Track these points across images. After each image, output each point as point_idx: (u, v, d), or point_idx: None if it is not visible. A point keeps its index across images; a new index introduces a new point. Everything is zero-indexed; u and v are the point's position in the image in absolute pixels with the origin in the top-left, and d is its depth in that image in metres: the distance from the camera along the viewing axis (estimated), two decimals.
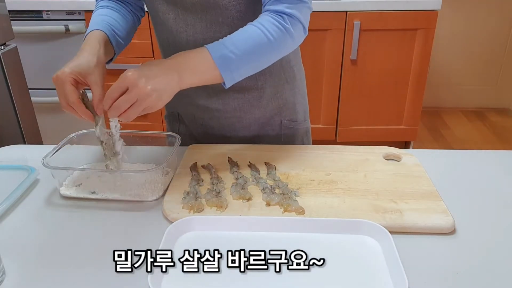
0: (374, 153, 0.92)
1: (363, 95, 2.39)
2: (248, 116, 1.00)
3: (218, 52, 0.76)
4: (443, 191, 0.79)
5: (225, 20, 0.87)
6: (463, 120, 3.06)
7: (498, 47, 3.03)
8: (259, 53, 0.80)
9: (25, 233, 0.72)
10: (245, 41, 0.78)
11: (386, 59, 2.30)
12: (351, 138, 2.50)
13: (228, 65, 0.77)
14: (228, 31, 0.89)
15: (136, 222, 0.74)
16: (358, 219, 0.70)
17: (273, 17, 0.80)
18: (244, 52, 0.78)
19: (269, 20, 0.80)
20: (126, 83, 0.71)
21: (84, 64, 0.78)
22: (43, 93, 2.41)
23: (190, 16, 0.88)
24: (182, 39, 0.91)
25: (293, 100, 1.03)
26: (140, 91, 0.70)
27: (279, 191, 0.79)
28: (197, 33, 0.89)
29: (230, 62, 0.77)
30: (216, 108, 0.99)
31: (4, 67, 1.58)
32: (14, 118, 1.66)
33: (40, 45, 2.33)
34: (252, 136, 1.03)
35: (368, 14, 2.20)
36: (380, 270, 0.62)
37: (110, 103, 0.73)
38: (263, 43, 0.79)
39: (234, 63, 0.77)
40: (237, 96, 0.97)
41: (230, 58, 0.77)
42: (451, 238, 0.69)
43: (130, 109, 0.72)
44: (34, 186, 0.85)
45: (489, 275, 0.62)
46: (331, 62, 2.32)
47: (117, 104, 0.72)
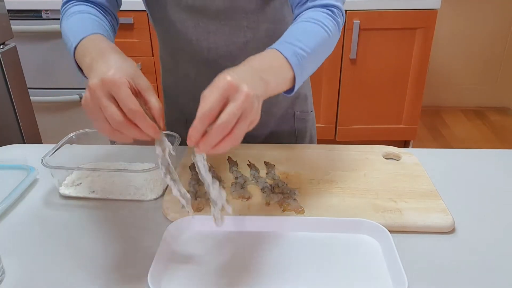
0: (374, 152, 0.92)
1: (362, 94, 2.40)
2: (266, 113, 1.00)
3: (289, 51, 0.66)
4: (443, 190, 0.79)
5: (250, 24, 0.87)
6: (462, 119, 3.06)
7: (498, 46, 3.03)
8: (324, 50, 0.74)
9: (24, 233, 0.72)
10: (311, 38, 0.70)
11: (385, 58, 2.30)
12: (351, 137, 2.50)
13: (301, 64, 0.67)
14: (251, 35, 0.89)
15: (135, 222, 0.74)
16: (357, 218, 0.70)
17: (326, 12, 0.76)
18: (312, 49, 0.69)
19: (323, 16, 0.75)
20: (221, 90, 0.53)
21: (129, 67, 0.58)
22: (42, 93, 2.42)
23: (212, 23, 0.86)
24: (203, 47, 0.89)
25: (304, 92, 1.05)
26: (247, 99, 0.53)
27: (278, 191, 0.79)
28: (220, 40, 0.88)
29: (302, 60, 0.67)
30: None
31: (3, 66, 1.58)
32: (13, 117, 1.66)
33: (39, 44, 2.33)
34: (268, 133, 1.03)
35: (368, 13, 2.20)
36: (380, 269, 0.62)
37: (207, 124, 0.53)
38: (325, 40, 0.73)
39: (305, 61, 0.68)
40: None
41: (301, 56, 0.67)
42: (451, 237, 0.69)
43: (236, 127, 0.53)
44: (34, 185, 0.85)
45: (489, 274, 0.62)
46: (330, 61, 2.32)
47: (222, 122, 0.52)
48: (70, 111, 2.51)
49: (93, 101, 0.54)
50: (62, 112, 2.51)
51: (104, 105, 0.54)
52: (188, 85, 0.99)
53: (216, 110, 0.53)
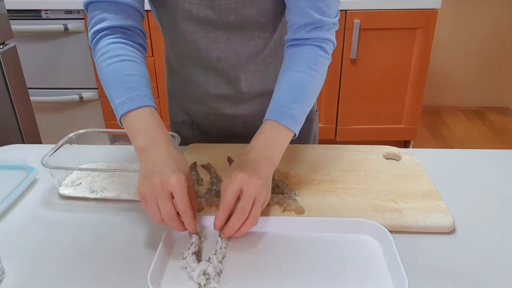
0: (374, 153, 0.92)
1: (362, 94, 2.39)
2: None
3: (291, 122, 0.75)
4: (443, 190, 0.79)
5: (261, 34, 0.87)
6: (462, 119, 3.06)
7: (498, 46, 3.03)
8: (313, 95, 0.80)
9: (24, 233, 0.72)
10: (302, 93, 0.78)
11: (386, 58, 2.30)
12: (351, 137, 2.50)
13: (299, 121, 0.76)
14: (262, 45, 0.89)
15: (135, 222, 0.74)
16: (358, 219, 0.70)
17: (315, 50, 0.80)
18: (304, 104, 0.78)
19: (310, 56, 0.79)
20: (240, 184, 0.65)
21: (183, 167, 0.67)
22: (42, 93, 2.42)
23: (222, 33, 0.86)
24: (213, 57, 0.90)
25: None
26: (257, 188, 0.65)
27: (278, 191, 0.78)
28: (230, 49, 0.88)
29: (300, 121, 0.77)
30: (242, 114, 0.99)
31: (3, 66, 1.58)
32: (13, 117, 1.66)
33: (39, 44, 2.32)
34: None
35: (368, 13, 2.19)
36: (380, 269, 0.62)
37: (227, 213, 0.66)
38: (314, 85, 0.79)
39: (302, 118, 0.77)
40: (263, 99, 0.95)
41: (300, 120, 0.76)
42: (451, 237, 0.69)
43: (252, 211, 0.65)
44: (33, 185, 0.85)
45: (489, 274, 0.62)
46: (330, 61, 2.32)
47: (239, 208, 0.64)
48: (70, 111, 2.51)
49: (153, 196, 0.63)
50: (61, 112, 2.52)
51: (162, 202, 0.63)
52: (196, 90, 0.98)
53: (233, 201, 0.65)
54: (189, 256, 0.63)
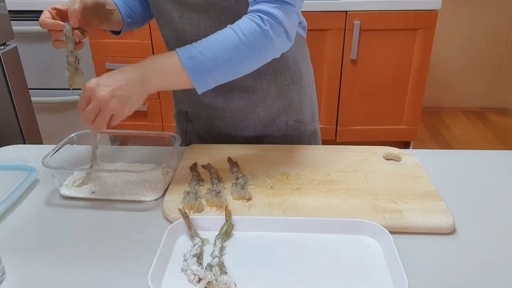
0: (374, 153, 0.92)
1: (363, 95, 2.39)
2: (253, 116, 0.99)
3: (186, 54, 0.74)
4: (443, 191, 0.79)
5: (228, 19, 0.87)
6: (463, 120, 3.06)
7: (498, 47, 3.03)
8: (232, 55, 0.75)
9: (25, 233, 0.72)
10: (215, 43, 0.76)
11: (386, 59, 2.30)
12: (351, 138, 2.50)
13: (197, 68, 0.74)
14: None
15: (136, 222, 0.74)
16: (358, 219, 0.70)
17: (252, 17, 0.77)
18: (215, 53, 0.75)
19: (245, 21, 0.76)
20: (87, 93, 0.72)
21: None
22: (43, 93, 2.42)
23: (194, 15, 0.88)
24: (187, 38, 0.91)
25: (299, 101, 1.01)
26: (100, 100, 0.71)
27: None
28: (201, 32, 0.89)
29: (199, 64, 0.74)
30: (221, 107, 0.99)
31: (4, 67, 1.58)
32: (14, 118, 1.66)
33: (40, 45, 2.33)
34: (257, 136, 1.02)
35: (368, 14, 2.20)
36: (380, 270, 0.62)
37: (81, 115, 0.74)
38: (235, 44, 0.75)
39: (205, 65, 0.75)
40: (242, 96, 0.97)
41: (199, 60, 0.74)
42: (451, 238, 0.69)
43: (97, 119, 0.72)
44: (34, 186, 0.85)
45: (489, 275, 0.62)
46: (331, 62, 2.32)
47: (83, 115, 0.73)
48: (71, 112, 2.51)
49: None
50: (62, 113, 2.52)
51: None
52: None
53: (83, 107, 0.73)
54: (190, 258, 0.63)
